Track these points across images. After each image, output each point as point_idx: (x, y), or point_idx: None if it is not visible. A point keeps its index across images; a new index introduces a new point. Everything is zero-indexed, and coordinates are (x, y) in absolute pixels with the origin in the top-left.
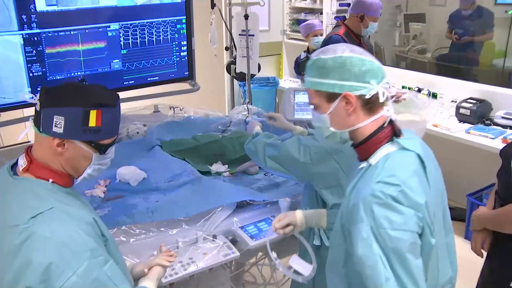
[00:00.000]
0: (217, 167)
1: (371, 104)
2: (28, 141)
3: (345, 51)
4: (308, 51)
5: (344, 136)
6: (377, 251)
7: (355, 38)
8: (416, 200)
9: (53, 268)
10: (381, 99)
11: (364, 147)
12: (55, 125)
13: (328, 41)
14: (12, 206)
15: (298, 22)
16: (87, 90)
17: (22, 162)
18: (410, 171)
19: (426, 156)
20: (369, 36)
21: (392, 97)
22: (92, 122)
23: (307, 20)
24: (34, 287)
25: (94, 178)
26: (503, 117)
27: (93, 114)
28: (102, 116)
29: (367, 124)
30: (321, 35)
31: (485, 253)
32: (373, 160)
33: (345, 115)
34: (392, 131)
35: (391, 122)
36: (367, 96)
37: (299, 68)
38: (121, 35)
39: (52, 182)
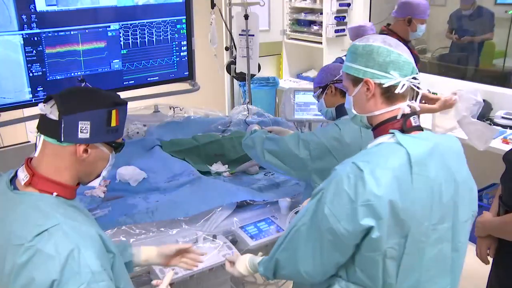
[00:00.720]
0: (217, 167)
1: (389, 94)
2: (28, 141)
3: (376, 40)
4: None
5: (364, 121)
6: (311, 206)
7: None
8: (373, 191)
9: (55, 285)
10: (397, 90)
11: (375, 132)
12: (80, 131)
13: None
14: (16, 223)
15: (298, 22)
16: (99, 92)
17: (23, 176)
18: (385, 164)
19: (433, 159)
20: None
21: (422, 98)
22: (114, 122)
23: (307, 20)
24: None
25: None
26: (503, 117)
27: (114, 113)
28: (119, 115)
29: (383, 113)
30: None
31: (491, 260)
32: (370, 145)
33: (365, 100)
34: (401, 126)
35: (406, 116)
36: (385, 85)
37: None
38: (121, 35)
39: (56, 195)
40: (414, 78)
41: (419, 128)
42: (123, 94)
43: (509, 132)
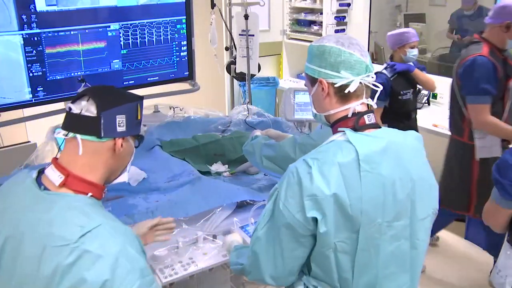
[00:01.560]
0: (217, 167)
1: (342, 93)
2: (28, 141)
3: (330, 41)
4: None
5: (323, 119)
6: (269, 207)
7: (499, 54)
8: (319, 186)
9: (108, 285)
10: (348, 90)
11: (332, 131)
12: (118, 125)
13: (473, 65)
14: (55, 225)
15: (298, 22)
16: (122, 89)
17: (57, 176)
18: (333, 160)
19: (385, 156)
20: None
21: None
22: (139, 115)
23: (307, 20)
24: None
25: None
26: None
27: (139, 107)
28: (142, 108)
29: (337, 112)
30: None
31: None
32: (324, 143)
33: (322, 99)
34: (353, 124)
35: (359, 115)
36: (337, 85)
37: (391, 89)
38: (121, 35)
39: (91, 195)
40: (370, 76)
41: (375, 126)
42: None
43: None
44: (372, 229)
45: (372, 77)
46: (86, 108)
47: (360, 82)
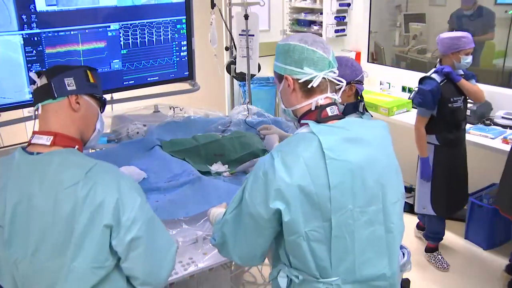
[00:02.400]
0: (217, 167)
1: (307, 88)
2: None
3: (294, 39)
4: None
5: (291, 114)
6: (238, 196)
7: None
8: (282, 177)
9: (119, 203)
10: (311, 85)
11: (299, 124)
12: (68, 85)
13: None
14: (60, 172)
15: (298, 22)
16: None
17: (45, 139)
18: (296, 151)
19: (350, 143)
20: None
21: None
22: (91, 79)
23: (307, 20)
24: (110, 222)
25: (101, 135)
26: (503, 117)
27: (89, 73)
28: (94, 75)
29: (303, 106)
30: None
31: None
32: (291, 135)
33: (288, 94)
34: (315, 116)
35: (321, 108)
36: (301, 81)
37: (440, 95)
38: (121, 35)
39: (77, 148)
40: (332, 72)
41: (338, 117)
42: (123, 94)
43: (509, 132)
44: (344, 215)
45: (335, 73)
46: (40, 82)
47: (324, 77)
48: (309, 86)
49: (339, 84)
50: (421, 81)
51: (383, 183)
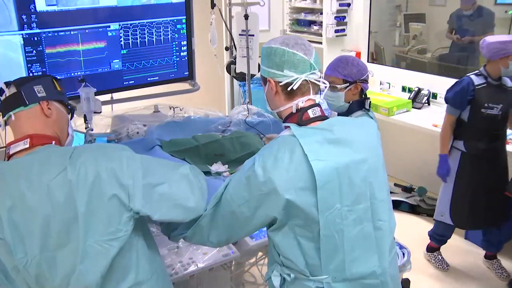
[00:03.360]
0: (217, 167)
1: (288, 91)
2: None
3: (276, 42)
4: (489, 75)
5: (276, 116)
6: (220, 191)
7: None
8: (260, 180)
9: (113, 170)
10: (291, 87)
11: (284, 127)
12: (38, 92)
13: None
14: (46, 164)
15: (298, 22)
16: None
17: (23, 143)
18: (275, 156)
19: (333, 144)
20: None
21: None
22: (58, 87)
23: (307, 20)
24: (114, 192)
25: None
26: None
27: (55, 81)
28: (59, 84)
29: (286, 108)
30: None
31: None
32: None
33: (272, 97)
34: (297, 119)
35: (302, 110)
36: (282, 83)
37: (473, 98)
38: (121, 35)
39: (54, 143)
40: (315, 74)
41: (322, 118)
42: (123, 94)
43: (509, 132)
44: (332, 214)
45: (316, 74)
46: (9, 91)
47: (306, 80)
48: (289, 89)
49: (322, 86)
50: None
51: (370, 181)
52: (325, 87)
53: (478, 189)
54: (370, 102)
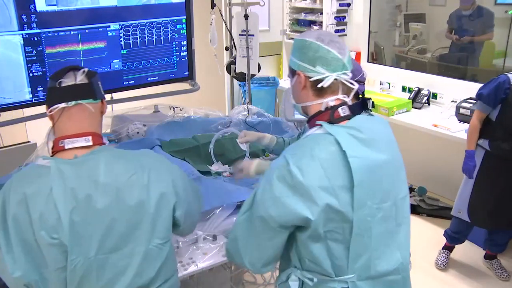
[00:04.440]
0: (217, 167)
1: (318, 88)
2: (28, 141)
3: (311, 36)
4: None
5: (300, 110)
6: (251, 196)
7: None
8: (300, 180)
9: (173, 180)
10: (321, 84)
11: (308, 125)
12: (101, 89)
13: None
14: (112, 169)
15: (298, 22)
16: None
17: (84, 140)
18: (311, 154)
19: (363, 143)
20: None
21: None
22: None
23: (307, 20)
24: (175, 199)
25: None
26: None
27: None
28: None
29: (313, 105)
30: None
31: None
32: (303, 137)
33: (299, 90)
34: (328, 117)
35: (333, 108)
36: (312, 79)
37: (506, 96)
38: (121, 35)
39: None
40: (346, 74)
41: (348, 117)
42: (123, 94)
43: None
44: (364, 212)
45: (348, 75)
46: (79, 78)
47: (336, 79)
48: (319, 86)
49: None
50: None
51: (394, 178)
52: (354, 88)
53: (498, 189)
54: (373, 102)
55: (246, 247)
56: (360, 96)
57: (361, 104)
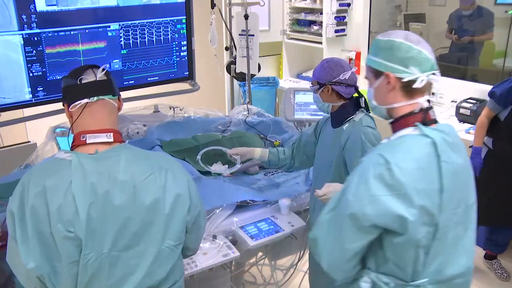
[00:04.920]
0: (217, 167)
1: (409, 88)
2: (28, 141)
3: (399, 36)
4: None
5: (383, 112)
6: (337, 195)
7: None
8: (401, 180)
9: (188, 184)
10: (415, 85)
11: (394, 125)
12: (116, 87)
13: None
14: (131, 167)
15: (298, 22)
16: None
17: (105, 136)
18: (411, 155)
19: (450, 147)
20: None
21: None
22: None
23: (307, 20)
24: (189, 203)
25: None
26: None
27: None
28: None
29: (402, 106)
30: None
31: None
32: (393, 137)
33: (385, 92)
34: (422, 119)
35: (425, 110)
36: (405, 80)
37: None
38: (121, 35)
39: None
40: (434, 74)
41: (436, 121)
42: (123, 94)
43: None
44: (446, 217)
45: (436, 75)
46: (99, 75)
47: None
48: (413, 87)
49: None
50: None
51: (468, 184)
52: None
53: (499, 187)
54: (364, 100)
55: (325, 248)
56: (357, 94)
57: (355, 103)
